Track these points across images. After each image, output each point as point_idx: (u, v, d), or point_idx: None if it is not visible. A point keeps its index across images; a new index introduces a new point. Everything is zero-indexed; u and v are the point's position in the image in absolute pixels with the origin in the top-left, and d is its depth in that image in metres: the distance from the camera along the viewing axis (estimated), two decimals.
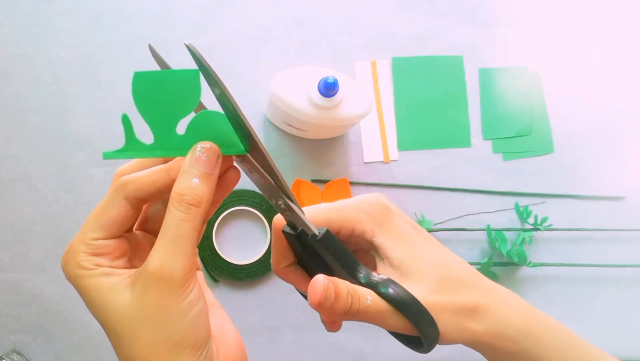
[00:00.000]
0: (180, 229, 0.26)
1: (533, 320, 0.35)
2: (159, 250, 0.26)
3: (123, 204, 0.28)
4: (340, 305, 0.30)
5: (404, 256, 0.33)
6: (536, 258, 0.67)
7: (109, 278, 0.27)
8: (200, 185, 0.27)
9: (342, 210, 0.35)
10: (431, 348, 0.33)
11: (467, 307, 0.33)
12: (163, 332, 0.26)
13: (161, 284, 0.25)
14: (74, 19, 0.63)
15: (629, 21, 0.72)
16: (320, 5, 0.67)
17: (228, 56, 0.65)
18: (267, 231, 0.62)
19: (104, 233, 0.28)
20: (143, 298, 0.26)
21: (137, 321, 0.26)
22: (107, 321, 0.27)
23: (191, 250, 0.26)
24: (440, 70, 0.68)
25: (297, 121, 0.57)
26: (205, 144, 0.28)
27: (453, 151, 0.67)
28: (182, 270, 0.26)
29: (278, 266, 0.36)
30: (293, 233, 0.33)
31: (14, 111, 0.62)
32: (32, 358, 0.59)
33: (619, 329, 0.67)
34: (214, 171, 0.28)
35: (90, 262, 0.27)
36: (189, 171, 0.27)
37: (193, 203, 0.26)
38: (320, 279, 0.30)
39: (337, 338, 0.63)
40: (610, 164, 0.69)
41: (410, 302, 0.31)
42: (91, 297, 0.27)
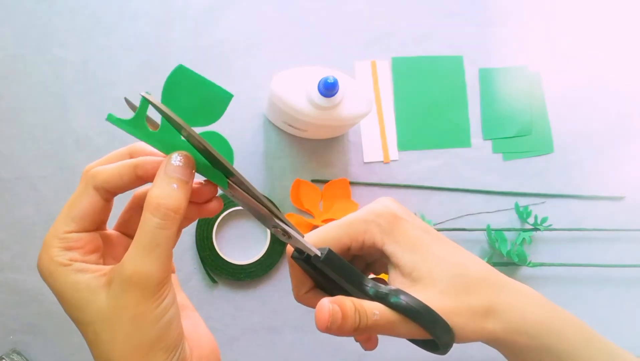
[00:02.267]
0: (157, 236, 0.26)
1: (552, 315, 0.35)
2: (135, 256, 0.26)
3: (93, 195, 0.28)
4: (349, 323, 0.30)
5: (415, 263, 0.33)
6: (536, 258, 0.67)
7: (84, 275, 0.27)
8: (177, 191, 0.27)
9: (349, 225, 0.35)
10: (447, 350, 0.33)
11: (483, 307, 0.33)
12: (138, 335, 0.26)
13: (136, 290, 0.26)
14: (74, 19, 0.63)
15: (629, 21, 0.72)
16: (320, 5, 0.67)
17: (228, 56, 0.65)
18: (267, 231, 0.62)
19: (75, 225, 0.28)
20: (118, 302, 0.26)
21: (112, 323, 0.26)
22: (83, 322, 0.27)
23: (167, 257, 0.26)
24: (440, 70, 0.68)
25: (297, 121, 0.57)
26: (182, 153, 0.28)
27: (453, 151, 0.67)
28: (158, 277, 0.26)
29: (299, 294, 0.37)
30: (301, 257, 0.33)
31: (14, 111, 0.62)
32: (32, 358, 0.59)
33: (619, 329, 0.67)
34: (190, 179, 0.28)
35: (63, 257, 0.27)
36: (166, 177, 0.27)
37: (170, 208, 0.26)
38: (325, 305, 0.30)
39: (336, 338, 0.63)
40: (610, 164, 0.69)
41: (422, 310, 0.31)
42: (67, 297, 0.27)
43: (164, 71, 0.64)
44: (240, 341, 0.62)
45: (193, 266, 0.62)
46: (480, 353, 0.64)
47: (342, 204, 0.63)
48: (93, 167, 0.30)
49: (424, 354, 0.37)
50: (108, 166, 0.29)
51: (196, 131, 0.27)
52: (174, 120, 0.26)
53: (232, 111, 0.64)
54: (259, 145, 0.64)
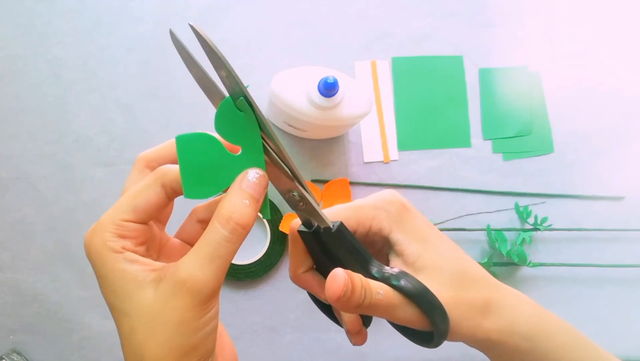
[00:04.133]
0: (221, 248, 0.26)
1: (543, 318, 0.35)
2: (194, 262, 0.26)
3: (159, 191, 0.28)
4: (355, 298, 0.30)
5: (420, 253, 0.34)
6: (536, 258, 0.67)
7: (133, 266, 0.27)
8: (248, 208, 0.27)
9: (358, 208, 0.35)
10: (440, 342, 0.33)
11: (480, 303, 0.33)
12: (177, 340, 0.26)
13: (188, 295, 0.26)
14: (74, 19, 0.63)
15: (629, 21, 0.72)
16: (320, 5, 0.67)
17: (228, 56, 0.64)
18: (267, 231, 0.62)
19: (135, 215, 0.28)
20: (166, 303, 0.26)
21: (155, 322, 0.26)
22: (122, 312, 0.27)
23: (224, 270, 0.27)
24: (440, 70, 0.68)
25: (297, 121, 0.57)
26: (259, 170, 0.28)
27: (453, 151, 0.67)
28: (211, 288, 0.26)
29: (296, 272, 0.36)
30: (309, 231, 0.33)
31: (14, 111, 0.62)
32: (32, 358, 0.59)
33: (619, 329, 0.67)
34: (261, 198, 0.28)
35: (116, 243, 0.27)
36: (240, 192, 0.27)
37: (240, 224, 0.26)
38: (340, 273, 0.30)
39: (337, 338, 0.63)
40: (610, 164, 0.69)
41: (424, 292, 0.31)
42: (112, 284, 0.27)
43: (164, 71, 0.64)
44: (240, 341, 0.62)
45: None
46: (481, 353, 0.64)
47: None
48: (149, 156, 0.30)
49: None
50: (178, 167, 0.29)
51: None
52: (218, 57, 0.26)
53: None
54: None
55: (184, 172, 0.28)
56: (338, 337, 0.63)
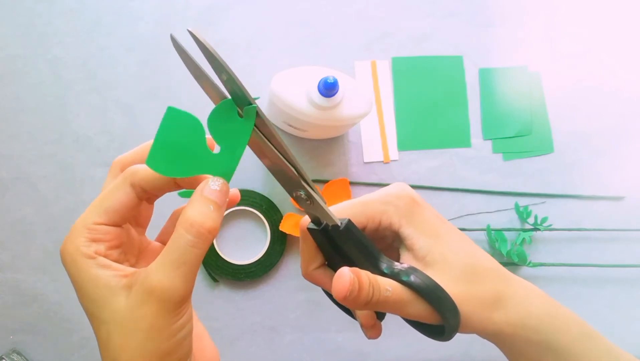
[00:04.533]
0: (187, 254, 0.26)
1: (554, 310, 0.35)
2: (162, 269, 0.26)
3: (129, 191, 0.28)
4: (363, 296, 0.30)
5: (430, 247, 0.34)
6: (536, 258, 0.67)
7: (105, 272, 0.27)
8: (213, 213, 0.27)
9: (367, 204, 0.35)
10: (452, 335, 0.33)
11: (491, 297, 0.33)
12: (150, 346, 0.26)
13: (158, 303, 0.26)
14: (74, 19, 0.63)
15: (629, 21, 0.72)
16: (320, 5, 0.67)
17: (228, 56, 0.65)
18: (267, 231, 0.62)
19: (107, 218, 0.28)
20: (137, 310, 0.26)
21: (128, 329, 0.26)
22: (98, 319, 0.27)
23: (192, 275, 0.26)
24: (440, 70, 0.68)
25: (297, 121, 0.57)
26: (220, 178, 0.28)
27: (453, 151, 0.67)
28: (180, 295, 0.26)
29: (308, 269, 0.36)
30: (318, 228, 0.33)
31: (14, 111, 0.62)
32: (32, 358, 0.59)
33: (619, 329, 0.67)
34: (224, 205, 0.28)
35: (89, 248, 0.27)
36: (203, 198, 0.27)
37: (205, 228, 0.26)
38: (346, 273, 0.30)
39: (337, 338, 0.63)
40: (610, 164, 0.69)
41: (434, 288, 0.31)
42: (86, 290, 0.27)
43: (164, 71, 0.64)
44: (240, 341, 0.62)
45: None
46: (481, 353, 0.64)
47: None
48: (124, 159, 0.30)
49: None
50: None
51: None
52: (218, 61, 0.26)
53: None
54: None
55: (157, 142, 0.27)
56: (338, 337, 0.63)
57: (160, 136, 0.27)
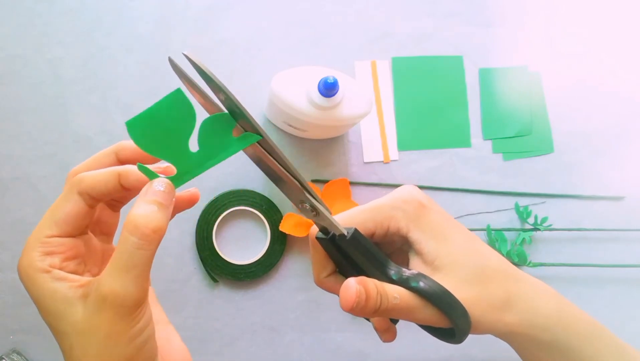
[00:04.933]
0: (135, 257, 0.26)
1: (565, 310, 0.35)
2: (112, 275, 0.26)
3: (77, 200, 0.28)
4: (371, 304, 0.30)
5: (438, 251, 0.34)
6: (536, 258, 0.67)
7: (62, 284, 0.27)
8: (157, 213, 0.27)
9: (375, 210, 0.35)
10: (463, 338, 0.33)
11: (501, 298, 0.33)
12: (111, 354, 0.26)
13: (112, 309, 0.25)
14: (74, 19, 0.63)
15: (629, 21, 0.72)
16: (320, 5, 0.67)
17: (228, 56, 0.65)
18: (267, 231, 0.62)
19: (58, 229, 0.28)
20: (94, 319, 0.26)
21: (86, 339, 0.26)
22: (60, 332, 0.27)
23: (144, 278, 0.26)
24: (440, 70, 0.68)
25: (297, 121, 0.57)
26: (165, 180, 0.28)
27: (453, 151, 0.67)
28: (134, 298, 0.26)
29: (319, 277, 0.36)
30: (326, 237, 0.33)
31: (14, 111, 0.62)
32: (32, 358, 0.59)
33: (619, 329, 0.67)
34: (171, 205, 0.28)
35: (43, 262, 0.27)
36: (147, 199, 0.27)
37: (150, 229, 0.26)
38: (352, 284, 0.30)
39: (337, 338, 0.63)
40: (610, 164, 0.69)
41: (442, 294, 0.31)
42: (45, 304, 0.27)
43: (164, 71, 0.64)
44: (240, 341, 0.62)
45: (193, 266, 0.62)
46: (481, 353, 0.64)
47: (342, 204, 0.63)
48: (78, 170, 0.30)
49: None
50: (94, 173, 0.29)
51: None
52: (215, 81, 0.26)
53: None
54: None
55: (148, 112, 0.27)
56: (338, 337, 0.63)
57: (155, 109, 0.27)
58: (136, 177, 0.29)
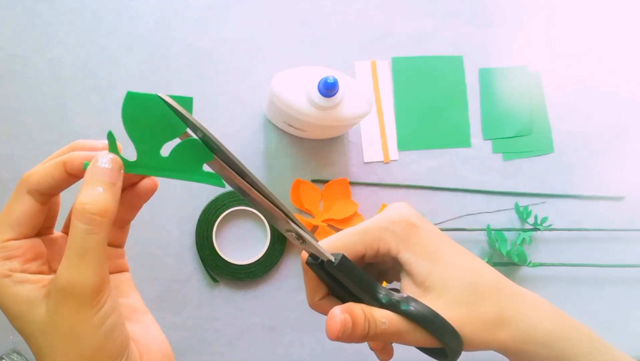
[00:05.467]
0: (86, 242, 0.25)
1: (562, 324, 0.35)
2: (66, 266, 0.25)
3: (27, 199, 0.28)
4: (358, 331, 0.30)
5: (428, 272, 0.33)
6: (536, 258, 0.67)
7: (24, 287, 0.26)
8: (104, 194, 0.26)
9: (364, 232, 0.35)
10: (456, 358, 0.33)
11: (495, 317, 0.33)
12: (78, 346, 0.26)
13: (72, 299, 0.25)
14: (74, 19, 0.63)
15: (629, 21, 0.72)
16: (320, 5, 0.67)
17: (228, 56, 0.65)
18: (267, 231, 0.62)
19: (13, 232, 0.27)
20: (56, 314, 0.25)
21: (52, 336, 0.26)
22: (25, 334, 0.26)
23: (99, 262, 0.26)
24: (440, 70, 0.68)
25: (297, 121, 0.57)
26: (109, 154, 0.27)
27: (453, 151, 0.67)
28: (92, 285, 0.25)
29: (312, 300, 0.37)
30: (315, 263, 0.33)
31: (14, 111, 0.62)
32: (32, 358, 0.59)
33: (619, 329, 0.67)
34: (118, 181, 0.27)
35: (3, 267, 0.26)
36: (92, 180, 0.26)
37: (97, 213, 0.26)
38: (336, 315, 0.30)
39: None
40: (610, 164, 0.69)
41: (431, 316, 0.31)
42: (9, 309, 0.26)
43: (164, 71, 0.64)
44: (240, 341, 0.62)
45: (193, 266, 0.62)
46: (481, 352, 0.64)
47: (342, 204, 0.63)
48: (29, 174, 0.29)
49: (427, 355, 0.37)
50: (39, 168, 0.28)
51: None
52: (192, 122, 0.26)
53: (232, 111, 0.64)
54: (259, 145, 0.64)
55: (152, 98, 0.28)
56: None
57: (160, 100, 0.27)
58: (82, 162, 0.28)
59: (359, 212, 0.64)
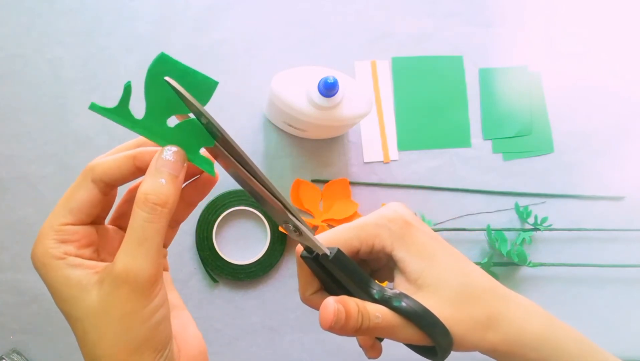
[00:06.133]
0: (145, 230, 0.26)
1: (552, 327, 0.35)
2: (125, 252, 0.26)
3: (91, 187, 0.28)
4: (351, 324, 0.30)
5: (422, 270, 0.34)
6: (536, 258, 0.67)
7: (77, 271, 0.27)
8: (166, 185, 0.27)
9: (360, 228, 0.35)
10: (445, 356, 0.33)
11: (485, 318, 0.33)
12: (126, 335, 0.26)
13: (126, 287, 0.25)
14: (74, 19, 0.63)
15: (629, 21, 0.72)
16: (320, 5, 0.67)
17: (228, 56, 0.65)
18: (267, 231, 0.62)
19: (72, 217, 0.28)
20: (108, 300, 0.26)
21: (101, 322, 0.26)
22: (72, 317, 0.27)
23: (157, 252, 0.26)
24: (440, 70, 0.68)
25: (297, 121, 0.57)
26: (173, 147, 0.28)
27: (453, 151, 0.67)
28: (147, 274, 0.26)
29: (305, 294, 0.36)
30: (310, 256, 0.33)
31: (14, 111, 0.62)
32: (32, 358, 0.59)
33: (619, 329, 0.67)
34: (180, 174, 0.28)
35: (58, 249, 0.27)
36: (155, 171, 0.27)
37: (158, 203, 0.26)
38: (330, 303, 0.30)
39: (337, 338, 0.63)
40: (610, 164, 0.69)
41: (423, 313, 0.32)
42: (59, 291, 0.27)
43: None
44: (240, 341, 0.62)
45: (193, 266, 0.62)
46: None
47: (342, 204, 0.63)
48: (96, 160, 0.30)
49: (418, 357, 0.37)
50: (107, 158, 0.29)
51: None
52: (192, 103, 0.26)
53: (232, 110, 0.64)
54: (259, 145, 0.64)
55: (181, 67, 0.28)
56: (338, 337, 0.63)
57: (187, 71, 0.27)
58: (152, 157, 0.28)
59: (359, 212, 0.64)
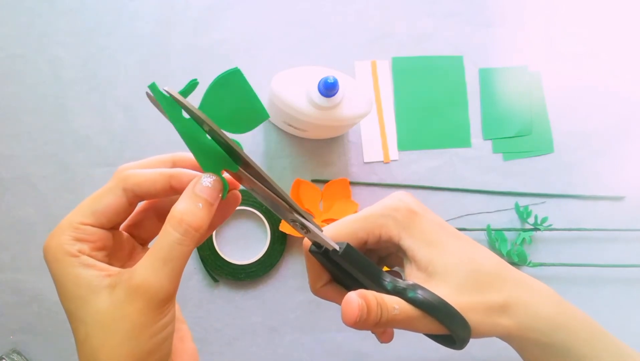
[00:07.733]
0: (174, 250, 0.26)
1: (564, 312, 0.35)
2: (148, 266, 0.26)
3: (120, 195, 0.28)
4: (372, 317, 0.30)
5: (431, 258, 0.34)
6: (536, 258, 0.67)
7: (88, 271, 0.26)
8: (202, 211, 0.27)
9: (366, 219, 0.35)
10: (464, 345, 0.33)
11: (498, 303, 0.33)
12: (131, 346, 0.26)
13: (142, 300, 0.25)
14: (74, 19, 0.63)
15: (629, 21, 0.72)
16: (320, 5, 0.67)
17: (228, 56, 0.65)
18: (267, 231, 0.62)
19: (94, 219, 0.28)
20: (120, 309, 0.26)
21: (109, 328, 0.26)
22: (77, 319, 0.26)
23: (178, 273, 0.26)
24: (440, 70, 0.68)
25: (297, 121, 0.57)
26: (213, 176, 0.28)
27: (453, 151, 0.67)
28: (166, 292, 0.26)
29: (315, 287, 0.37)
30: (319, 251, 0.33)
31: (14, 110, 0.62)
32: (32, 358, 0.59)
33: (619, 329, 0.67)
34: (215, 202, 0.28)
35: (72, 246, 0.27)
36: (194, 195, 0.27)
37: (193, 225, 0.26)
38: (353, 299, 0.30)
39: (336, 338, 0.63)
40: (610, 164, 0.69)
41: (439, 305, 0.31)
42: (67, 289, 0.27)
43: (164, 71, 0.64)
44: (240, 341, 0.62)
45: (193, 266, 0.62)
46: (481, 353, 0.64)
47: (342, 204, 0.63)
48: (128, 167, 0.30)
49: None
50: (144, 171, 0.29)
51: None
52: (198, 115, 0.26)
53: None
54: (259, 145, 0.64)
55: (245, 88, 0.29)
56: (338, 337, 0.63)
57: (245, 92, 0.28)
58: (189, 179, 0.28)
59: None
